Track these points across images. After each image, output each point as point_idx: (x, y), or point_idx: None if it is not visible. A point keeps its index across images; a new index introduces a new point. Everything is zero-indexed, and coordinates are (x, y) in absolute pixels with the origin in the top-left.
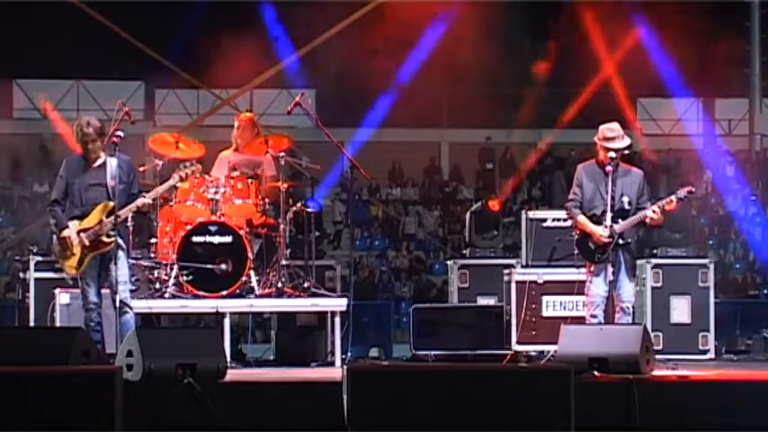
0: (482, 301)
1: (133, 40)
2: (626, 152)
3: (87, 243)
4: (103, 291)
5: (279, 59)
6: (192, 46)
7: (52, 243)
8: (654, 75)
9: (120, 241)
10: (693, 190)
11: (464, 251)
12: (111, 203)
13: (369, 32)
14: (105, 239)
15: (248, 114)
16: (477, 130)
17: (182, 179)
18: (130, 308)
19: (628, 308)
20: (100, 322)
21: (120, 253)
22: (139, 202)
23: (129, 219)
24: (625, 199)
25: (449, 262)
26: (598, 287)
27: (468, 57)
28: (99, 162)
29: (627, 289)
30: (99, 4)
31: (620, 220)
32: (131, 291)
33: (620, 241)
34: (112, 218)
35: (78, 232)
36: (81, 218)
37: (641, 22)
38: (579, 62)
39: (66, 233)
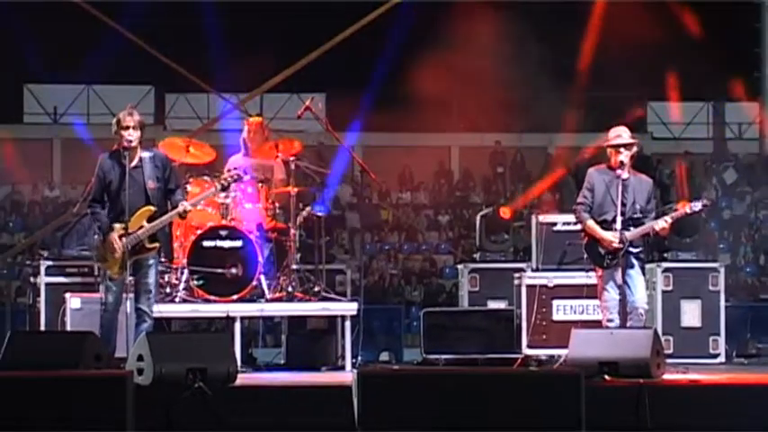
0: (492, 304)
1: (143, 45)
2: (633, 150)
3: (130, 248)
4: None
5: (289, 63)
6: (202, 50)
7: (95, 244)
8: (664, 78)
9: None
10: (708, 203)
11: (474, 255)
12: (153, 208)
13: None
14: (148, 245)
15: (258, 118)
16: (487, 133)
17: (223, 188)
18: (150, 317)
19: (642, 312)
20: (115, 325)
21: (152, 261)
22: (180, 208)
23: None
24: (637, 206)
25: (459, 266)
26: (611, 291)
27: (479, 60)
28: (135, 161)
29: (640, 293)
30: (108, 6)
31: (631, 228)
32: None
33: (631, 249)
34: (154, 223)
35: (120, 236)
36: (120, 220)
37: (651, 23)
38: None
39: (109, 236)
